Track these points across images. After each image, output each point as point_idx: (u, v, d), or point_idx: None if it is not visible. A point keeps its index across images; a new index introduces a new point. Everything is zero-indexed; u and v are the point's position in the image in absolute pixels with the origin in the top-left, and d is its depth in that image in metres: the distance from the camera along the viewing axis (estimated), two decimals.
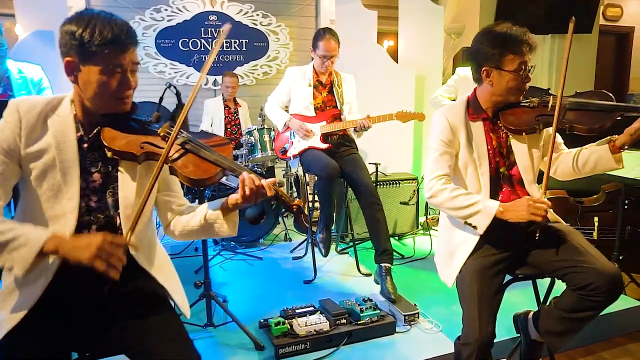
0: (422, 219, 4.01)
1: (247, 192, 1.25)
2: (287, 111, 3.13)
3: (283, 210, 1.36)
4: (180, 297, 1.45)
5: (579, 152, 1.73)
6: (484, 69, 1.68)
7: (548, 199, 1.60)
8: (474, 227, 1.63)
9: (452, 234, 1.77)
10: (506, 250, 1.68)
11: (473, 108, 1.76)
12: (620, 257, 2.88)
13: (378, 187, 3.64)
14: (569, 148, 1.82)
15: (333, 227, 3.84)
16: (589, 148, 1.69)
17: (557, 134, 1.72)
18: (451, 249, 1.75)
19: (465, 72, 3.24)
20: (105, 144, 1.26)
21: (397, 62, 4.68)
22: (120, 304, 1.31)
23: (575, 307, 1.58)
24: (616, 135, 1.61)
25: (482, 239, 1.66)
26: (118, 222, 1.31)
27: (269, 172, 4.18)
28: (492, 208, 1.59)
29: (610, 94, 1.64)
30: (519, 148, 1.73)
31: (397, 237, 3.85)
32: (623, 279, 1.55)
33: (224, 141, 1.40)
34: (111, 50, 1.18)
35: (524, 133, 1.72)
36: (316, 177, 2.89)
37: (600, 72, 5.29)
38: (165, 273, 1.44)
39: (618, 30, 5.84)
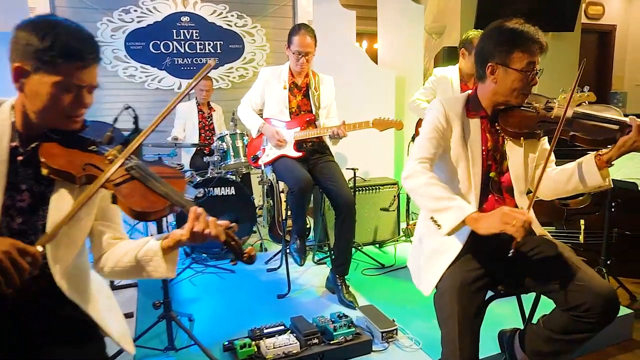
0: (403, 225, 3.86)
1: (197, 228, 1.10)
2: (261, 114, 2.96)
3: (231, 253, 1.18)
4: (118, 331, 1.29)
5: (562, 168, 1.59)
6: (489, 64, 1.55)
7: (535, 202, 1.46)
8: (438, 225, 1.42)
9: (432, 237, 1.62)
10: (488, 263, 1.53)
11: (473, 105, 1.63)
12: (608, 262, 2.77)
13: (357, 193, 3.48)
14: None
15: (311, 236, 3.69)
16: (574, 164, 1.55)
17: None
18: (430, 253, 1.60)
19: (442, 72, 3.10)
20: (42, 160, 1.11)
21: (377, 64, 4.54)
22: (44, 337, 1.16)
23: (566, 328, 1.44)
24: (603, 150, 1.47)
25: (465, 249, 1.52)
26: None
27: (244, 179, 4.01)
28: (465, 210, 1.40)
29: (619, 110, 1.50)
30: (514, 155, 1.60)
31: (377, 245, 3.69)
32: (619, 298, 1.40)
33: (178, 174, 1.26)
34: (71, 64, 1.07)
35: (522, 138, 1.59)
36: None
37: (583, 70, 5.18)
38: (100, 306, 1.28)
39: (600, 28, 5.79)
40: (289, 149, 2.77)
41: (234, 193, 3.45)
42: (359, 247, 3.47)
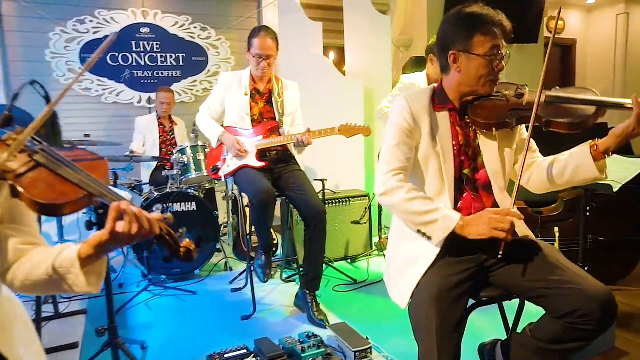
0: (375, 239, 3.71)
1: (123, 228, 0.90)
2: (223, 124, 2.78)
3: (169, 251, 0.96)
4: None
5: (555, 159, 1.47)
6: (451, 52, 1.44)
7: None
8: (428, 237, 1.38)
9: (404, 246, 1.49)
10: (468, 267, 1.38)
11: (439, 98, 1.51)
12: (585, 269, 2.68)
13: (326, 206, 3.32)
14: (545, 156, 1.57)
15: (279, 253, 3.49)
16: (567, 154, 1.43)
17: (531, 139, 1.48)
18: (404, 263, 1.46)
19: (409, 79, 3.02)
20: None
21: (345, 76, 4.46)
22: None
23: (558, 337, 1.29)
24: (599, 139, 1.36)
25: (441, 253, 1.38)
26: None
27: (208, 195, 3.79)
28: (452, 220, 1.35)
29: (596, 91, 1.39)
30: (489, 149, 1.48)
31: (349, 260, 3.51)
32: (615, 300, 1.27)
33: (97, 158, 1.05)
34: None
35: (494, 128, 1.46)
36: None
37: (547, 82, 5.26)
38: (12, 335, 1.04)
39: (562, 42, 5.93)
40: (251, 158, 2.60)
41: (195, 209, 3.23)
42: (330, 263, 3.29)
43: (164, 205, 3.14)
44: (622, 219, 3.13)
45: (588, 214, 2.74)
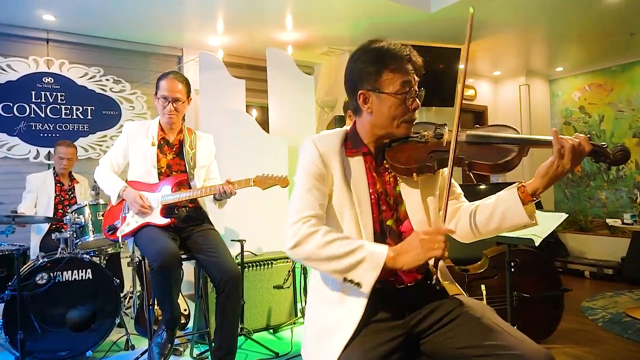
0: (300, 306, 3.41)
1: None
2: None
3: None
4: None
5: (480, 205, 1.33)
6: (359, 92, 1.29)
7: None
8: (357, 284, 1.16)
9: (322, 313, 1.26)
10: (396, 335, 1.18)
11: (352, 141, 1.35)
12: (516, 326, 2.58)
13: (246, 269, 3.02)
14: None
15: (190, 326, 3.08)
16: (494, 198, 1.30)
17: (455, 183, 1.36)
18: (322, 333, 1.23)
19: (328, 133, 2.93)
20: None
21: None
22: None
23: None
24: (526, 181, 1.25)
25: (364, 319, 1.18)
26: None
27: (112, 262, 3.33)
28: (380, 254, 1.16)
29: (516, 128, 1.30)
30: (411, 197, 1.32)
31: (271, 330, 3.17)
32: None
33: None
34: None
35: (414, 174, 1.30)
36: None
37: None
38: None
39: (474, 108, 6.34)
40: (155, 215, 2.29)
41: (91, 277, 2.77)
42: (249, 335, 2.93)
43: (51, 274, 2.66)
44: (543, 275, 3.15)
45: (513, 269, 2.69)
